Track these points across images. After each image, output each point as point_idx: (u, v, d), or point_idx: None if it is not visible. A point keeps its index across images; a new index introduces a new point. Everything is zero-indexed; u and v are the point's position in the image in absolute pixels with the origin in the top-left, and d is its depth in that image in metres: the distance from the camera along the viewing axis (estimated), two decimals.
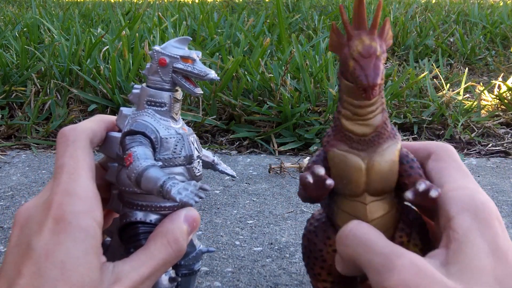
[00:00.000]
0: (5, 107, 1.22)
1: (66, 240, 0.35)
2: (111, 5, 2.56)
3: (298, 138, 1.09)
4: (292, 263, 0.62)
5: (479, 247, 0.34)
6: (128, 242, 0.41)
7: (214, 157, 0.49)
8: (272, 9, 2.21)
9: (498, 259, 0.33)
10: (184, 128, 0.43)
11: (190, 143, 0.42)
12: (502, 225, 0.36)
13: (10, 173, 0.94)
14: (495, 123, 1.20)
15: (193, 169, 0.42)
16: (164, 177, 0.37)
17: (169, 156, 0.40)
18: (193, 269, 0.45)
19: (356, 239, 0.36)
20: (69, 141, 0.39)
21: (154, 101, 0.41)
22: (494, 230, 0.35)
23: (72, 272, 0.34)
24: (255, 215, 0.76)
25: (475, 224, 0.35)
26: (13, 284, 0.34)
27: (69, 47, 1.37)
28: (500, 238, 0.34)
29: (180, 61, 0.40)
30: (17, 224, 0.38)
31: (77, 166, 0.38)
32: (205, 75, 0.40)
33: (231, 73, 1.19)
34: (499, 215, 0.36)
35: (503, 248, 0.34)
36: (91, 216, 0.36)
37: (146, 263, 0.38)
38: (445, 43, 1.94)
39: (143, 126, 0.40)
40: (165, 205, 0.41)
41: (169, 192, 0.36)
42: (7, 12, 2.47)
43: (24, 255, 0.35)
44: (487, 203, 0.36)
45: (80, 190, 0.37)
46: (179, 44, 0.41)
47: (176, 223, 0.40)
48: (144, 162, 0.37)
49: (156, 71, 0.41)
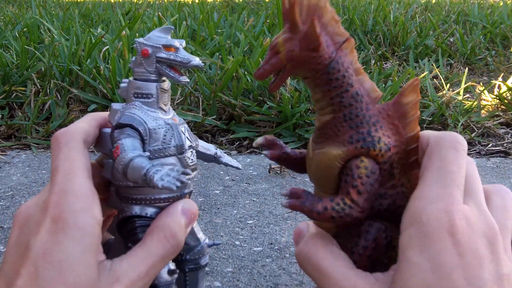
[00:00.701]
0: (5, 107, 1.22)
1: (64, 240, 0.35)
2: (111, 5, 2.56)
3: (298, 138, 1.09)
4: (292, 263, 0.62)
5: (417, 266, 0.31)
6: (126, 237, 0.41)
7: (216, 150, 0.49)
8: (272, 9, 2.21)
9: (439, 278, 0.31)
10: (175, 118, 0.42)
11: (180, 133, 0.41)
12: (456, 238, 0.31)
13: (10, 173, 0.94)
14: (495, 123, 1.20)
15: (185, 159, 0.41)
16: (148, 165, 0.36)
17: (159, 147, 0.40)
18: (200, 264, 0.44)
19: (309, 264, 0.37)
20: (61, 144, 0.39)
21: (140, 93, 0.41)
22: (439, 245, 0.31)
23: (69, 272, 0.34)
24: (255, 215, 0.76)
25: (416, 240, 0.32)
26: (11, 284, 0.34)
27: (69, 47, 1.37)
28: (446, 255, 0.31)
29: (163, 50, 0.40)
30: (16, 223, 0.37)
31: (72, 166, 0.38)
32: (188, 61, 0.40)
33: (231, 73, 1.19)
34: (455, 229, 0.31)
35: (448, 265, 0.31)
36: (89, 214, 0.36)
37: (144, 260, 0.37)
38: (445, 43, 1.94)
39: (130, 118, 0.40)
40: (160, 197, 0.41)
41: (152, 180, 0.35)
42: (7, 12, 2.47)
43: (22, 255, 0.35)
44: (434, 215, 0.32)
45: (77, 188, 0.37)
46: (161, 34, 0.40)
47: (173, 216, 0.39)
48: (131, 153, 0.37)
49: (141, 63, 0.41)
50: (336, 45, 0.35)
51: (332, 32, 0.35)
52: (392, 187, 0.37)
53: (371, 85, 0.37)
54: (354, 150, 0.35)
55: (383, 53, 1.88)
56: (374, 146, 0.35)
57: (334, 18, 0.35)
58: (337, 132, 0.36)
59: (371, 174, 0.35)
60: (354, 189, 0.35)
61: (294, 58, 0.34)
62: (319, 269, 0.36)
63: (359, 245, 0.36)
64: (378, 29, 2.08)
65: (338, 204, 0.35)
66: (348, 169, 0.36)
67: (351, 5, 2.51)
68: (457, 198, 0.33)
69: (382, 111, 0.36)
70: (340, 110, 0.36)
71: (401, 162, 0.37)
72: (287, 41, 0.34)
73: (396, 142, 0.36)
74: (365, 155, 0.35)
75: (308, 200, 0.36)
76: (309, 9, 0.34)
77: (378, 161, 0.36)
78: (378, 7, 2.37)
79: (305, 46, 0.34)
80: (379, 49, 1.91)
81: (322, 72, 0.35)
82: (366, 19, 2.19)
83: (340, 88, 0.35)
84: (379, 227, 0.36)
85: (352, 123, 0.36)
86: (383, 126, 0.36)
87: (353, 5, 2.55)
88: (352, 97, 0.36)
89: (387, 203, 0.37)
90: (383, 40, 2.00)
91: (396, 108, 0.36)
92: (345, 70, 0.35)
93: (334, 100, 0.36)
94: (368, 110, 0.36)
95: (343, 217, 0.35)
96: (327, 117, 0.36)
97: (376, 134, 0.36)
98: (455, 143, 0.35)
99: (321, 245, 0.37)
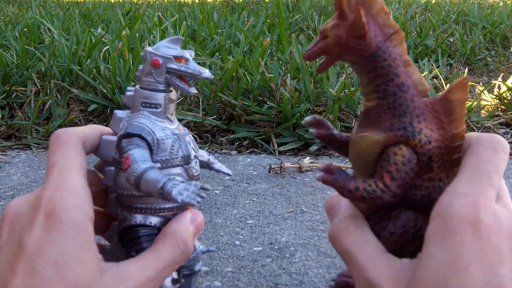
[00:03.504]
0: (5, 107, 1.22)
1: (58, 237, 0.35)
2: (111, 5, 2.56)
3: (298, 138, 1.09)
4: (292, 263, 0.62)
5: (435, 257, 0.32)
6: (128, 246, 0.41)
7: (209, 157, 0.49)
8: (272, 9, 2.21)
9: (455, 271, 0.31)
10: (180, 128, 0.42)
11: (187, 143, 0.41)
12: (480, 233, 0.31)
13: (10, 173, 0.94)
14: (495, 123, 1.20)
15: (191, 169, 0.41)
16: (164, 178, 0.36)
17: (167, 157, 0.40)
18: (194, 270, 0.45)
19: (340, 247, 0.37)
20: (60, 141, 0.39)
21: (149, 102, 0.41)
22: (460, 238, 0.31)
23: (66, 271, 0.34)
24: (255, 215, 0.76)
25: (438, 232, 0.32)
26: (8, 283, 0.34)
27: (69, 47, 1.37)
28: (466, 248, 0.31)
29: (174, 61, 0.40)
30: (6, 220, 0.37)
31: (68, 164, 0.38)
32: (199, 74, 0.40)
33: (231, 73, 1.19)
34: (480, 224, 0.31)
35: (467, 259, 0.31)
36: (82, 211, 0.36)
37: (153, 264, 0.37)
38: (445, 43, 1.94)
39: (139, 128, 0.40)
40: (165, 207, 0.41)
41: (170, 194, 0.36)
42: (7, 12, 2.47)
43: (16, 252, 0.35)
44: (461, 209, 0.32)
45: (70, 185, 0.37)
46: (171, 44, 0.41)
47: (183, 224, 0.40)
48: (143, 164, 0.37)
49: (150, 72, 0.40)
50: (385, 36, 0.36)
51: (381, 23, 0.36)
52: (429, 179, 0.37)
53: (419, 78, 0.37)
54: (393, 137, 0.36)
55: None
56: (414, 136, 0.36)
57: (383, 10, 0.36)
58: (380, 118, 0.37)
59: (408, 162, 0.36)
60: (388, 174, 0.36)
61: (341, 44, 0.36)
62: (347, 252, 0.36)
63: (386, 229, 0.37)
64: None
65: (370, 186, 0.36)
66: (385, 154, 0.36)
67: None
68: (488, 195, 0.33)
69: (429, 104, 0.37)
70: (384, 97, 0.37)
71: (443, 157, 0.37)
72: (334, 27, 0.36)
73: (440, 137, 0.37)
74: (404, 144, 0.36)
75: (341, 177, 0.37)
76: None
77: (417, 151, 0.36)
78: None
79: (352, 33, 0.36)
80: None
81: (369, 59, 0.36)
82: None
83: (385, 77, 0.36)
84: (409, 215, 0.37)
85: (395, 111, 0.37)
86: (427, 119, 0.37)
87: None
88: (397, 86, 0.37)
89: (422, 194, 0.37)
90: None
91: (443, 104, 0.37)
92: (392, 60, 0.36)
93: (379, 87, 0.37)
94: (413, 102, 0.37)
95: (374, 199, 0.36)
96: (372, 103, 0.37)
97: (418, 125, 0.36)
98: (494, 143, 0.35)
99: (353, 228, 0.38)
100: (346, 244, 0.37)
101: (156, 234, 0.40)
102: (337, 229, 0.38)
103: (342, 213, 0.39)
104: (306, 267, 0.61)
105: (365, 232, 0.37)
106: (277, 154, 1.05)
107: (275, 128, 1.11)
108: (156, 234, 0.40)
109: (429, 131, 0.36)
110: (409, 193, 0.37)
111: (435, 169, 0.37)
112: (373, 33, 0.36)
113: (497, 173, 0.34)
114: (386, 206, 0.37)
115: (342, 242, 0.37)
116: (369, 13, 0.36)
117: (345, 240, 0.37)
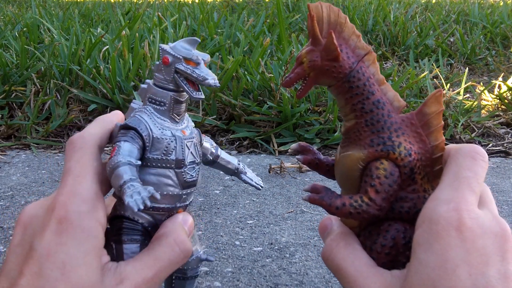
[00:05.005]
0: (5, 107, 1.22)
1: (68, 241, 0.35)
2: (111, 5, 2.56)
3: (298, 138, 1.09)
4: (292, 263, 0.62)
5: (423, 262, 0.32)
6: (111, 235, 0.40)
7: (239, 165, 0.48)
8: (272, 9, 2.21)
9: (444, 273, 0.31)
10: (184, 131, 0.42)
11: (184, 147, 0.41)
12: (464, 236, 0.32)
13: (10, 173, 0.94)
14: (495, 123, 1.20)
15: (182, 174, 0.41)
16: (128, 177, 0.36)
17: (159, 157, 0.40)
18: (187, 275, 0.44)
19: (332, 264, 0.38)
20: (76, 148, 0.39)
21: (154, 99, 0.41)
22: (446, 241, 0.32)
23: (72, 273, 0.35)
24: (255, 215, 0.76)
25: (425, 237, 0.33)
26: (14, 284, 0.34)
27: (69, 47, 1.37)
28: (452, 250, 0.32)
29: (183, 63, 0.40)
30: (20, 223, 0.38)
31: (83, 170, 0.38)
32: (203, 80, 0.39)
33: (231, 73, 1.19)
34: (463, 227, 0.32)
35: (454, 262, 0.31)
36: (94, 217, 0.37)
37: (149, 264, 0.38)
38: (445, 43, 1.94)
39: (137, 122, 0.40)
40: (160, 206, 0.41)
41: (124, 193, 0.35)
42: (7, 12, 2.47)
43: (26, 254, 0.35)
44: (444, 214, 0.33)
45: (84, 191, 0.37)
46: (187, 45, 0.40)
47: (178, 225, 0.40)
48: (122, 158, 0.37)
49: (161, 69, 0.40)
50: (357, 57, 0.38)
51: (353, 46, 0.38)
52: (414, 191, 0.38)
53: (394, 95, 0.39)
54: (374, 153, 0.38)
55: (383, 53, 1.88)
56: (394, 150, 0.37)
57: (354, 33, 0.39)
58: (360, 136, 0.39)
59: (390, 175, 0.38)
60: (372, 188, 0.37)
61: (316, 67, 0.38)
62: (339, 269, 0.38)
63: (377, 243, 0.38)
64: (378, 29, 2.08)
65: (356, 201, 0.37)
66: (368, 170, 0.38)
67: (351, 5, 2.51)
68: (469, 200, 0.34)
69: (405, 119, 0.39)
70: (362, 116, 0.39)
71: (426, 169, 0.39)
72: (309, 53, 0.38)
73: (420, 149, 0.38)
74: (385, 158, 0.38)
75: (327, 196, 0.38)
76: (329, 24, 0.38)
77: (398, 164, 0.38)
78: (378, 7, 2.37)
79: (326, 56, 0.37)
80: (379, 49, 1.91)
81: (344, 80, 0.38)
82: (366, 19, 2.19)
83: (361, 96, 0.38)
84: (398, 227, 0.38)
85: (374, 128, 0.38)
86: (406, 133, 0.38)
87: (353, 5, 2.55)
88: (373, 104, 0.38)
89: (408, 205, 0.38)
90: (383, 40, 2.00)
91: (419, 117, 0.39)
92: (366, 79, 0.38)
93: (356, 106, 0.39)
94: (390, 117, 0.38)
95: (361, 214, 0.37)
96: (350, 122, 0.39)
97: (397, 139, 0.38)
98: (472, 153, 0.37)
99: (343, 245, 0.39)
100: (337, 261, 0.38)
101: (139, 230, 0.40)
102: (329, 248, 0.39)
103: (333, 232, 0.40)
104: (306, 267, 0.61)
105: (355, 249, 0.38)
106: (277, 154, 1.05)
107: (275, 128, 1.11)
108: (138, 230, 0.40)
109: (409, 144, 0.38)
110: (396, 206, 0.38)
111: (419, 180, 0.38)
112: (346, 55, 0.38)
113: (476, 179, 0.36)
114: (374, 220, 0.38)
115: (334, 259, 0.38)
116: (341, 37, 0.38)
117: (336, 257, 0.38)
